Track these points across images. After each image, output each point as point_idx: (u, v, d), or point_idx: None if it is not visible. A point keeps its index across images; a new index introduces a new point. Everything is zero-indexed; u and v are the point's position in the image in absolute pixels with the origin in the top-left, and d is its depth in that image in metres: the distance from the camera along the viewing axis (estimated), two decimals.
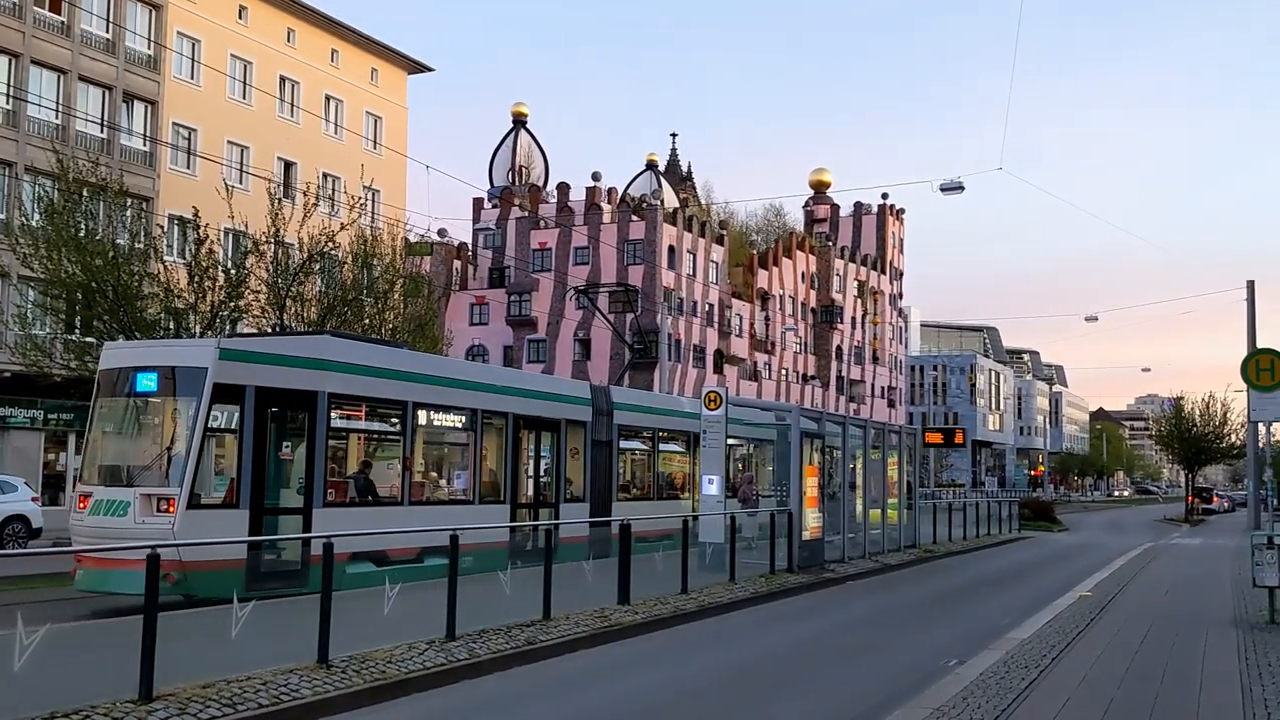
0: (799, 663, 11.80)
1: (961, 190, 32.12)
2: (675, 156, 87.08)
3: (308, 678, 8.98)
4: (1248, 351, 22.63)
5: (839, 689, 10.37)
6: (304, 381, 14.92)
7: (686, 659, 11.91)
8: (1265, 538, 14.23)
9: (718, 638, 13.35)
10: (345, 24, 45.50)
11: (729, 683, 10.60)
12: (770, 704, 9.63)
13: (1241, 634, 13.15)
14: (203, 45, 39.51)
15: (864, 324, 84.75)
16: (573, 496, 20.73)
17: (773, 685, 10.47)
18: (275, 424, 15.14)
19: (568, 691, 9.98)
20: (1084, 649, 11.85)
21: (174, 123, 38.18)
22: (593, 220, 61.53)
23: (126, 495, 13.81)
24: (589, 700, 9.67)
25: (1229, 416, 59.62)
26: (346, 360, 15.72)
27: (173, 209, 32.98)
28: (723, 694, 10.07)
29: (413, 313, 29.96)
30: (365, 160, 41.90)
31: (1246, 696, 9.32)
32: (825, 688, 10.40)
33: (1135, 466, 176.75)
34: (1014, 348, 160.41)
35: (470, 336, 62.37)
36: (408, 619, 11.55)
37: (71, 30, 34.71)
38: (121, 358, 15.17)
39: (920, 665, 11.42)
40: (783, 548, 19.53)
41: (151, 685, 7.94)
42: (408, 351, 19.27)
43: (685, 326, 61.64)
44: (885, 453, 26.01)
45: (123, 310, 22.05)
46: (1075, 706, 8.88)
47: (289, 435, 15.58)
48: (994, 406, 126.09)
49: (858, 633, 14.26)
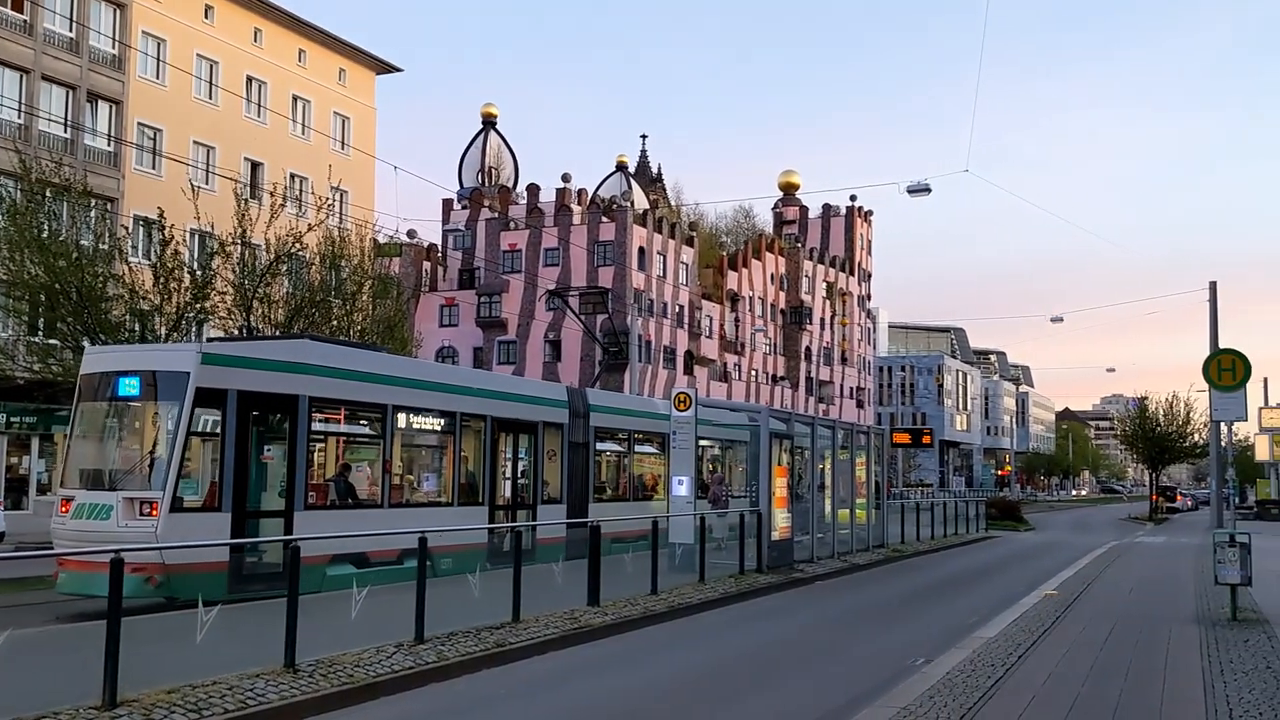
0: (767, 663, 11.84)
1: (928, 192, 32.32)
2: (645, 158, 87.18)
3: (274, 682, 8.93)
4: (1210, 352, 22.93)
5: (807, 688, 10.41)
6: (285, 385, 14.98)
7: (655, 660, 11.92)
8: (1227, 536, 14.42)
9: (687, 638, 13.37)
10: (313, 24, 45.20)
11: (697, 683, 10.62)
12: (738, 704, 9.66)
13: (1204, 631, 13.31)
14: (168, 45, 39.14)
15: (833, 325, 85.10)
16: (550, 498, 20.82)
17: (741, 685, 10.50)
18: (257, 427, 15.17)
19: (536, 693, 9.97)
20: (1049, 647, 11.95)
21: (139, 122, 37.80)
22: (563, 222, 61.46)
23: (109, 499, 13.83)
24: (557, 702, 9.66)
25: (1192, 416, 60.29)
26: (326, 364, 15.77)
27: (138, 209, 32.67)
28: (691, 694, 10.08)
29: (382, 314, 29.84)
30: (333, 161, 41.65)
31: (1209, 693, 9.44)
32: (793, 687, 10.44)
33: (1100, 466, 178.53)
34: (981, 348, 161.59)
35: (440, 338, 62.14)
36: (376, 622, 11.51)
37: (34, 29, 34.29)
38: (103, 362, 15.19)
39: (888, 664, 11.49)
40: (752, 548, 19.60)
41: (115, 691, 7.86)
42: (387, 355, 19.35)
43: (655, 328, 61.68)
44: (854, 453, 26.14)
45: (87, 312, 21.85)
46: (1040, 704, 8.96)
47: (270, 438, 15.61)
48: (961, 407, 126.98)
49: (826, 632, 14.33)
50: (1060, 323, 51.72)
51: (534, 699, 9.76)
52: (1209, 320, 31.04)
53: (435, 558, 15.80)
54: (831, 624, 15.17)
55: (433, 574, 14.27)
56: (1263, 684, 9.77)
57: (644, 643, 12.91)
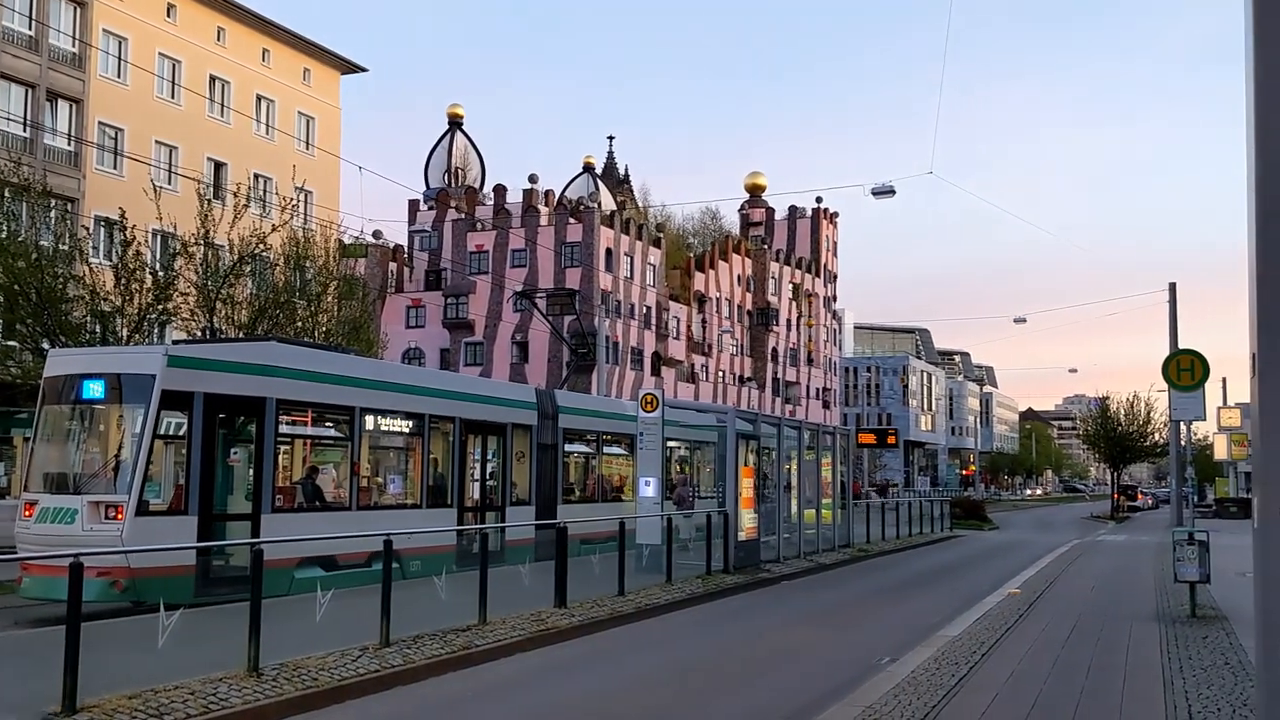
0: (734, 662, 11.87)
1: (893, 194, 32.49)
2: (612, 159, 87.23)
3: (237, 686, 8.86)
4: (1169, 352, 23.23)
5: (773, 688, 10.45)
6: (252, 388, 14.89)
7: (622, 661, 11.93)
8: (1186, 534, 14.62)
9: (654, 639, 13.39)
10: (277, 23, 44.89)
11: (664, 684, 10.64)
12: (705, 704, 9.69)
13: (1164, 628, 13.48)
14: (130, 43, 38.75)
15: (799, 326, 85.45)
16: (518, 500, 20.79)
17: (708, 685, 10.53)
18: (223, 430, 15.08)
19: (502, 696, 9.95)
20: (1013, 645, 12.07)
21: (100, 122, 37.38)
22: (530, 223, 61.35)
23: (74, 502, 13.70)
24: (523, 704, 9.65)
25: (1152, 416, 60.89)
26: (293, 366, 15.67)
27: (99, 210, 32.29)
28: (658, 695, 10.10)
29: (347, 315, 29.69)
30: (298, 161, 41.38)
31: (1168, 689, 9.57)
32: (760, 687, 10.48)
33: (1063, 465, 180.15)
34: (945, 349, 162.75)
35: (406, 339, 61.85)
36: (343, 625, 11.44)
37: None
38: (67, 365, 15.03)
39: (853, 663, 11.55)
40: (719, 548, 19.65)
41: (75, 697, 7.77)
42: (355, 357, 19.26)
43: (623, 329, 61.70)
44: (820, 453, 26.26)
45: (47, 313, 21.61)
46: (1004, 701, 9.05)
47: (237, 441, 15.53)
48: (926, 407, 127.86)
49: (792, 632, 14.39)
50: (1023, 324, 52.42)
51: (500, 701, 9.74)
52: (1169, 321, 31.45)
53: (403, 560, 15.75)
54: (798, 624, 15.23)
55: (401, 576, 14.25)
56: (1220, 680, 9.91)
57: (611, 644, 12.91)
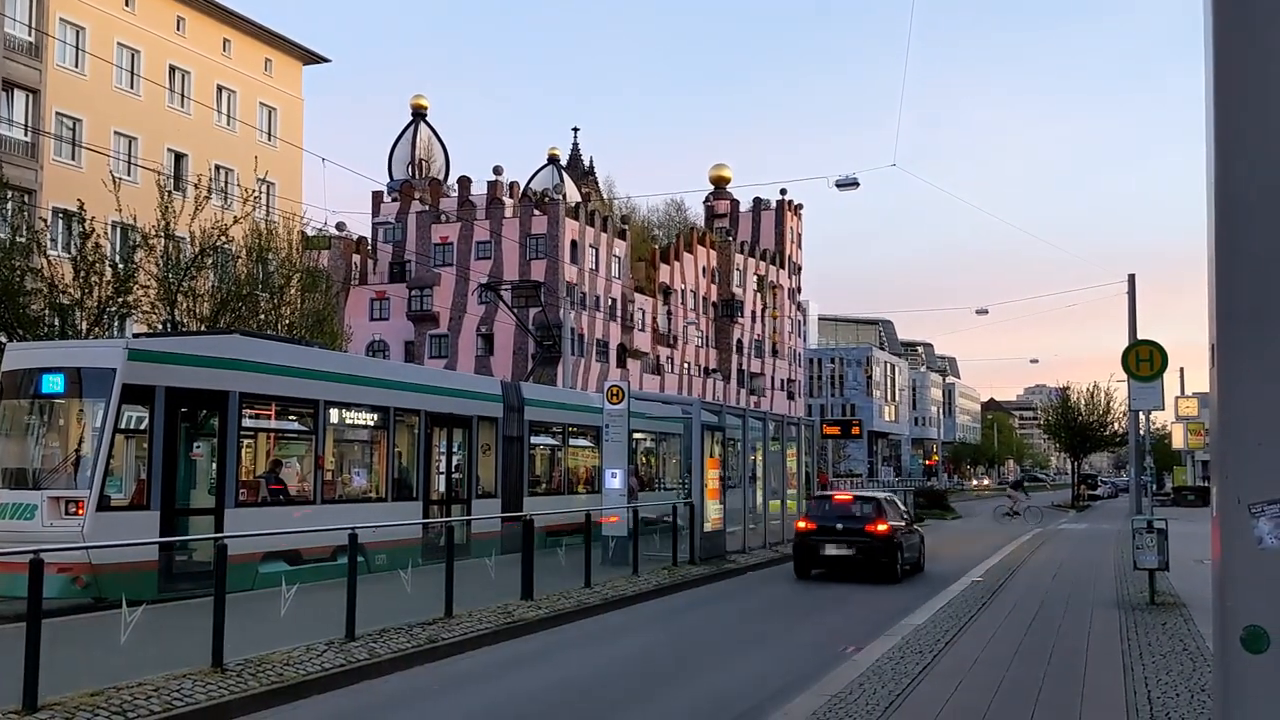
0: (700, 653, 11.93)
1: (856, 186, 32.64)
2: (577, 151, 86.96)
3: (202, 682, 8.80)
4: (1128, 343, 23.51)
5: (739, 677, 10.51)
6: (214, 381, 14.76)
7: (589, 652, 11.95)
8: (1145, 522, 14.83)
9: (620, 630, 13.43)
10: (238, 13, 44.37)
11: (629, 674, 10.67)
12: (672, 694, 9.73)
13: (1123, 615, 13.68)
14: (88, 33, 38.18)
15: (764, 318, 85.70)
16: (484, 492, 20.73)
17: (674, 675, 10.57)
18: (186, 424, 14.97)
19: (467, 688, 9.95)
20: (976, 632, 12.20)
21: (57, 112, 36.81)
22: (495, 215, 61.13)
23: (33, 498, 13.55)
24: (488, 696, 9.65)
25: (1112, 405, 61.60)
26: (257, 359, 15.57)
27: (57, 202, 31.82)
28: (624, 685, 10.13)
29: (311, 308, 29.45)
30: (260, 152, 40.85)
31: (1128, 674, 9.71)
32: (725, 677, 10.53)
33: (1025, 455, 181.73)
34: (909, 340, 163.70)
35: (371, 331, 61.46)
36: (306, 620, 11.39)
37: None
38: (26, 359, 14.83)
39: (819, 653, 11.63)
40: (685, 539, 19.71)
41: (36, 695, 7.68)
42: (319, 350, 19.11)
43: (588, 321, 61.63)
44: (785, 444, 26.38)
45: (4, 306, 21.31)
46: (968, 689, 9.14)
47: (200, 435, 15.42)
48: (890, 398, 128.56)
49: (758, 622, 14.45)
50: (985, 315, 52.76)
51: (465, 694, 9.74)
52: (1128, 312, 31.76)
53: (369, 554, 15.68)
54: (763, 614, 15.31)
55: (366, 570, 14.19)
56: (1179, 665, 10.07)
57: (577, 635, 12.93)
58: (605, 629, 13.46)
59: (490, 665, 10.96)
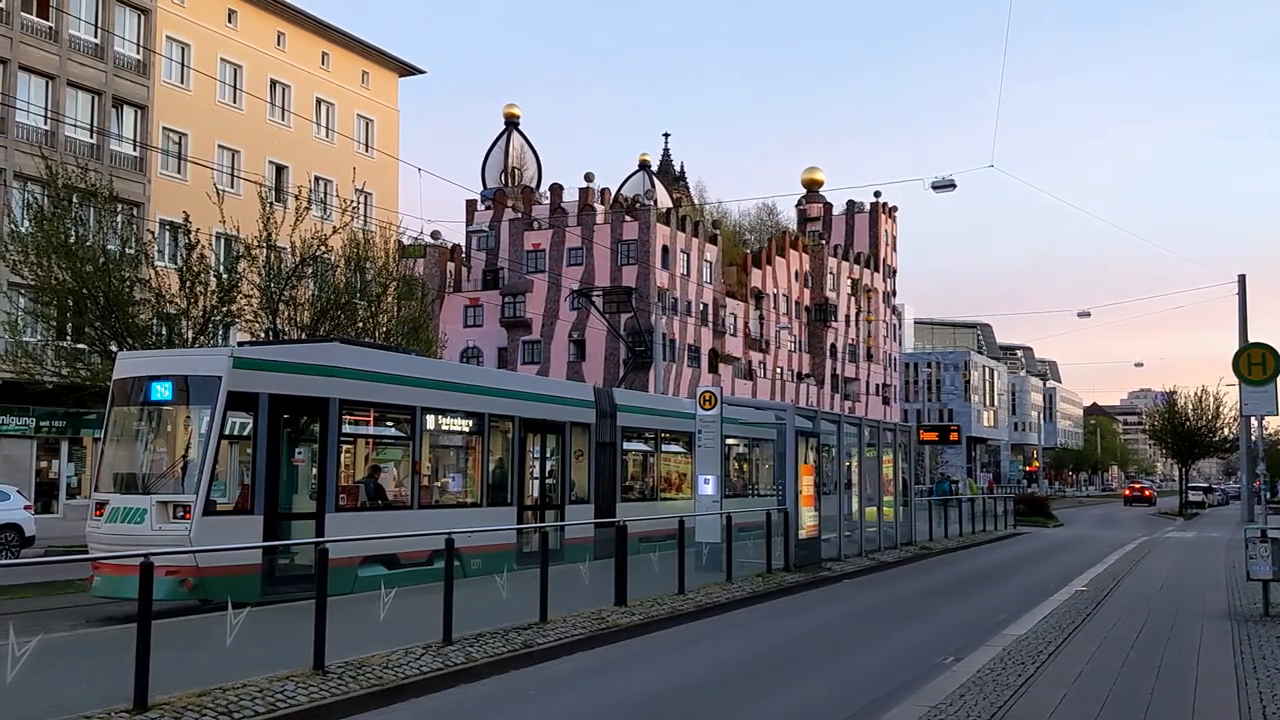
0: (795, 661, 11.79)
1: (953, 188, 32.09)
2: (668, 156, 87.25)
3: (303, 684, 8.95)
4: (1239, 346, 22.69)
5: (835, 687, 10.35)
6: (315, 388, 15.06)
7: (682, 659, 11.89)
8: (1259, 531, 14.25)
9: (714, 637, 13.33)
10: (335, 27, 45.43)
11: (724, 682, 10.58)
12: (766, 702, 9.62)
13: (1236, 627, 13.16)
14: (192, 49, 39.42)
15: (858, 322, 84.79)
16: (577, 498, 20.84)
17: (768, 683, 10.46)
18: (287, 430, 15.29)
19: (563, 693, 9.96)
20: (1080, 644, 11.85)
21: (164, 127, 38.07)
22: (586, 221, 61.50)
23: (143, 502, 13.96)
24: (583, 701, 9.65)
25: (1221, 410, 59.74)
26: (355, 366, 15.81)
27: (164, 214, 32.92)
28: (718, 693, 10.05)
29: (407, 315, 29.88)
30: (357, 163, 41.84)
31: (1242, 689, 9.33)
32: (821, 686, 10.38)
33: (1129, 461, 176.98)
34: (1007, 344, 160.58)
35: (464, 338, 62.30)
36: (404, 623, 11.53)
37: (59, 35, 34.60)
38: (136, 367, 15.30)
39: (917, 662, 11.42)
40: (779, 546, 19.54)
41: (146, 694, 7.88)
42: (415, 357, 19.42)
43: (679, 326, 61.62)
44: (880, 450, 25.99)
45: (114, 316, 21.99)
46: (1072, 701, 8.87)
47: (301, 441, 15.74)
48: (988, 403, 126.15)
49: (854, 630, 14.24)
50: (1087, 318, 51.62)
51: (561, 698, 9.76)
52: (1238, 314, 30.71)
53: (464, 558, 15.85)
54: (859, 622, 15.08)
55: (461, 575, 14.34)
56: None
57: (671, 642, 12.88)
58: (699, 636, 13.38)
59: (585, 670, 10.97)
